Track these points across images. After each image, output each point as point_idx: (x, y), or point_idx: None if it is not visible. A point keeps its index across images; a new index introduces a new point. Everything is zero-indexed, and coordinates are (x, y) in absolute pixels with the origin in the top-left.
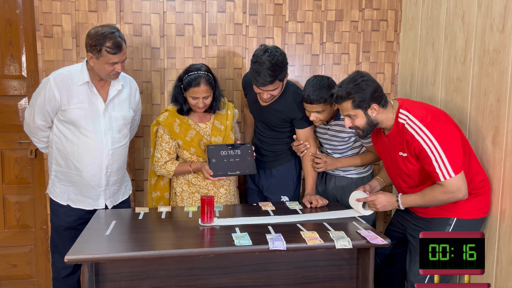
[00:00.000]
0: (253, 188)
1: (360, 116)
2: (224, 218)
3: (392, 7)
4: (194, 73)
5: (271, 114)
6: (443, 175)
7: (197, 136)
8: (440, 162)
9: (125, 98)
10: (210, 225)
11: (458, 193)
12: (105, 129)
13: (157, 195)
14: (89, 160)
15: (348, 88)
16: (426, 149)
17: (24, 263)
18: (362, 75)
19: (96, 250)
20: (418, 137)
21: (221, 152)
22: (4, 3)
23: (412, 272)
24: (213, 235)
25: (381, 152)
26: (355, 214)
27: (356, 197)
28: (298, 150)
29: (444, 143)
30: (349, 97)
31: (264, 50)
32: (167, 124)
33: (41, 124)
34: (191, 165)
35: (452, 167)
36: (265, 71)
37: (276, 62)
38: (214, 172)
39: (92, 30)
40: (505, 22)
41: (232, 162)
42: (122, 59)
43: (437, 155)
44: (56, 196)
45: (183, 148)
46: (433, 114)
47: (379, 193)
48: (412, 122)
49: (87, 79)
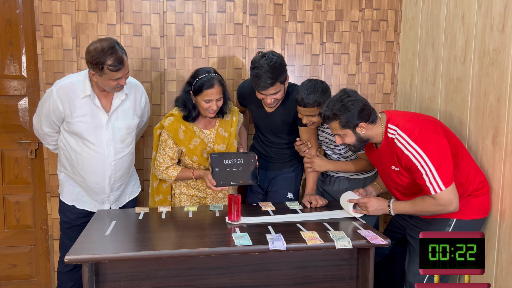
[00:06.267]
0: (256, 191)
1: (349, 134)
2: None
3: (392, 7)
4: (206, 75)
5: (278, 118)
6: (434, 188)
7: (201, 145)
8: (430, 176)
9: (129, 107)
10: (237, 223)
11: (449, 206)
12: (107, 140)
13: (159, 199)
14: (92, 170)
15: (335, 109)
16: (416, 163)
17: (24, 263)
18: (348, 94)
19: (96, 250)
20: (407, 152)
21: (225, 160)
22: (4, 3)
23: (411, 272)
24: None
25: (375, 163)
26: (348, 214)
27: (348, 197)
28: (300, 149)
29: (434, 157)
30: (335, 118)
31: (261, 56)
32: (171, 129)
33: (49, 131)
34: (194, 172)
35: (442, 180)
36: (264, 74)
37: (275, 64)
38: (217, 182)
39: (90, 46)
40: (505, 22)
41: (235, 172)
42: (125, 73)
43: (427, 169)
44: (63, 196)
45: (185, 154)
46: (421, 127)
47: (372, 197)
48: (400, 136)
49: (89, 92)
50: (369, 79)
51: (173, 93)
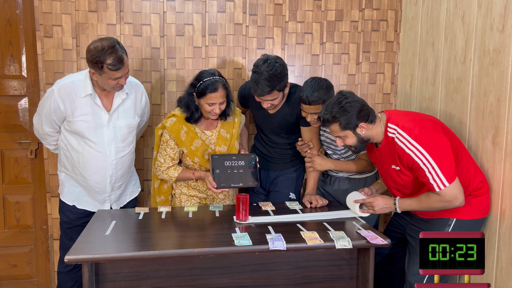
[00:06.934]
0: (258, 192)
1: (350, 136)
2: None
3: (392, 7)
4: (210, 78)
5: (280, 119)
6: (438, 185)
7: (202, 146)
8: (433, 173)
9: (130, 106)
10: (245, 223)
11: (455, 201)
12: (108, 139)
13: (161, 200)
14: (94, 169)
15: (333, 112)
16: (418, 161)
17: (24, 263)
18: (345, 96)
19: (96, 250)
20: (408, 150)
21: (225, 162)
22: (4, 3)
23: (411, 272)
24: (213, 235)
25: (376, 163)
26: (355, 215)
27: (354, 198)
28: (301, 149)
29: (435, 154)
30: (335, 121)
31: (264, 60)
32: (173, 130)
33: (49, 131)
34: (194, 173)
35: (446, 176)
36: (263, 81)
37: (275, 73)
38: (218, 184)
39: (91, 45)
40: (505, 22)
41: (236, 174)
42: (125, 73)
43: (430, 166)
44: (63, 196)
45: (186, 155)
46: (421, 126)
47: (377, 196)
48: (401, 135)
49: (90, 92)
50: (369, 79)
51: (173, 93)
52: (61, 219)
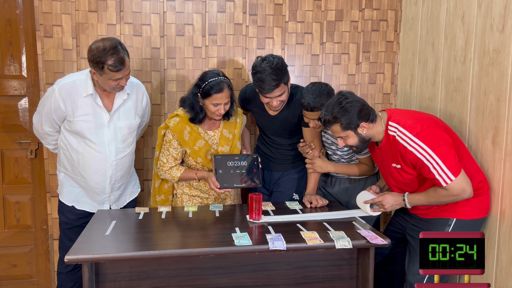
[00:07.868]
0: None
1: (351, 136)
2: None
3: (392, 7)
4: (215, 79)
5: (282, 120)
6: (444, 180)
7: (205, 147)
8: (438, 169)
9: (131, 107)
10: (259, 222)
11: (463, 194)
12: (109, 140)
13: (161, 199)
14: (93, 169)
15: (334, 112)
16: (422, 158)
17: (24, 263)
18: (345, 96)
19: (96, 250)
20: (411, 148)
21: (228, 163)
22: (4, 3)
23: (411, 272)
24: (213, 235)
25: (377, 161)
26: (355, 214)
27: (363, 198)
28: (303, 151)
29: (438, 150)
30: (336, 121)
31: (262, 60)
32: (177, 130)
33: (49, 131)
34: (197, 173)
35: (451, 170)
36: (268, 77)
37: (277, 66)
38: (221, 184)
39: (93, 45)
40: (505, 22)
41: (238, 174)
42: (126, 74)
43: (434, 162)
44: (62, 196)
45: (189, 155)
46: (422, 123)
47: (386, 193)
48: (402, 133)
49: (91, 91)
50: (369, 79)
51: (173, 93)
52: (60, 220)
